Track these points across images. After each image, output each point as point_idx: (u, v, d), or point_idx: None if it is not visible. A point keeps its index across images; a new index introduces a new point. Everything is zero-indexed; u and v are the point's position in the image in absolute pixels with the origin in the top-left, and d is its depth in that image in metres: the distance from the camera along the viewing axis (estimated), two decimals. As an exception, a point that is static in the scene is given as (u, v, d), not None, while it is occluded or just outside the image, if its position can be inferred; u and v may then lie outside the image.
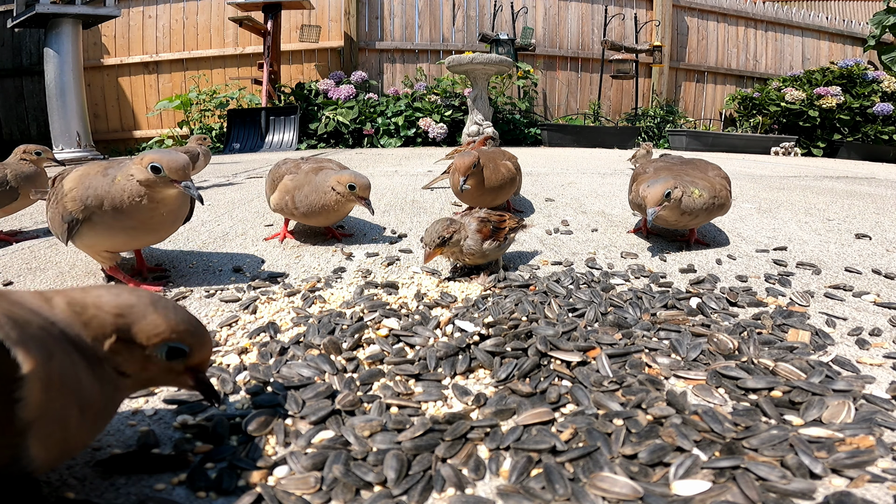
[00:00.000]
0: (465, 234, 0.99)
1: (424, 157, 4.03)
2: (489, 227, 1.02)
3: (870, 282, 1.06)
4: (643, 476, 0.46)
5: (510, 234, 1.07)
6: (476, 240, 0.99)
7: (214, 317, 0.86)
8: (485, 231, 1.00)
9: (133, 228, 0.93)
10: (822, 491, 0.44)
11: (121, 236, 0.94)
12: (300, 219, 1.30)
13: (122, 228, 0.93)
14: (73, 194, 0.90)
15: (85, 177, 0.92)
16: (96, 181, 0.91)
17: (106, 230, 0.93)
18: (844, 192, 2.37)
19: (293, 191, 1.25)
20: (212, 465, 0.48)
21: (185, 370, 0.48)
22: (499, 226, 1.04)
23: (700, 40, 6.81)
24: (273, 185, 1.31)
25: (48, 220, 0.99)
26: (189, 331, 0.47)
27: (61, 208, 0.92)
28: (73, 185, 0.91)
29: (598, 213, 1.77)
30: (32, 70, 5.83)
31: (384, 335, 0.74)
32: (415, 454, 0.49)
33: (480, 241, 0.99)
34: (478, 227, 1.00)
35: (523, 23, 6.35)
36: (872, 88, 5.64)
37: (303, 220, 1.30)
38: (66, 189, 0.91)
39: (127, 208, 0.90)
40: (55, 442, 0.39)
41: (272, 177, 1.33)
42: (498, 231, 1.03)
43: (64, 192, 0.91)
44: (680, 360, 0.68)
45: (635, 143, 5.70)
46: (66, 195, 0.91)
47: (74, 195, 0.90)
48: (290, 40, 6.07)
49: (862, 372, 0.66)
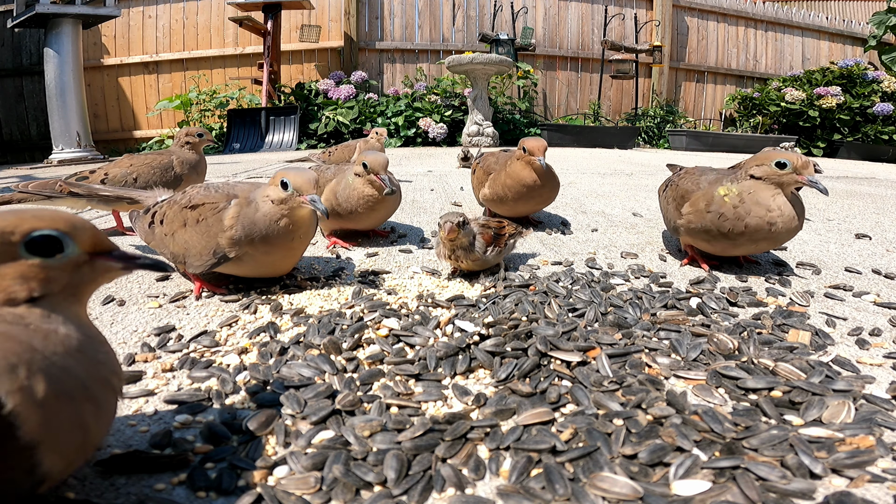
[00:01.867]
0: (472, 234, 0.99)
1: (424, 157, 4.03)
2: (490, 233, 1.03)
3: (870, 282, 1.06)
4: (643, 476, 0.46)
5: (510, 241, 1.08)
6: (480, 244, 1.00)
7: (214, 317, 0.86)
8: (486, 237, 1.01)
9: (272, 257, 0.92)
10: (822, 491, 0.44)
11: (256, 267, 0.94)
12: (345, 221, 1.29)
13: (264, 261, 0.92)
14: (231, 233, 0.88)
15: (241, 212, 0.90)
16: (247, 213, 0.89)
17: (249, 262, 0.92)
18: (844, 192, 2.37)
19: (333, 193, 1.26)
20: (212, 465, 0.48)
21: (91, 258, 0.45)
22: (499, 232, 1.05)
23: (700, 40, 6.81)
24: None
25: (179, 242, 0.93)
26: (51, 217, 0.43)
27: (214, 243, 0.90)
28: (232, 222, 0.89)
29: (598, 213, 1.77)
30: (32, 70, 5.84)
31: (384, 335, 0.74)
32: (415, 454, 0.49)
33: (483, 246, 1.00)
34: (479, 233, 1.01)
35: (523, 23, 6.35)
36: (872, 88, 5.64)
37: (347, 222, 1.30)
38: (225, 225, 0.89)
39: (272, 238, 0.89)
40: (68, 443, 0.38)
41: None
42: (499, 237, 1.04)
43: (223, 227, 0.89)
44: (680, 360, 0.68)
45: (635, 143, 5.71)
46: (225, 232, 0.89)
47: (233, 235, 0.88)
48: (290, 40, 6.07)
49: (862, 372, 0.66)
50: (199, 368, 0.66)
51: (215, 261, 0.91)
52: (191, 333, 0.78)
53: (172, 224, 0.96)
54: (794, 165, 0.96)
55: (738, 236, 1.01)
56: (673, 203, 1.15)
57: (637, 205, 1.95)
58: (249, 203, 0.91)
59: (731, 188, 1.02)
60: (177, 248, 0.95)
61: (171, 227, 0.96)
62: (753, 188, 0.99)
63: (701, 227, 1.05)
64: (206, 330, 0.80)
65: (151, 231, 1.00)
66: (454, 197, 2.07)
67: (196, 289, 0.96)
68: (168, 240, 0.96)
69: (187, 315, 0.87)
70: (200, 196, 0.96)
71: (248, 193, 0.93)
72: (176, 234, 0.95)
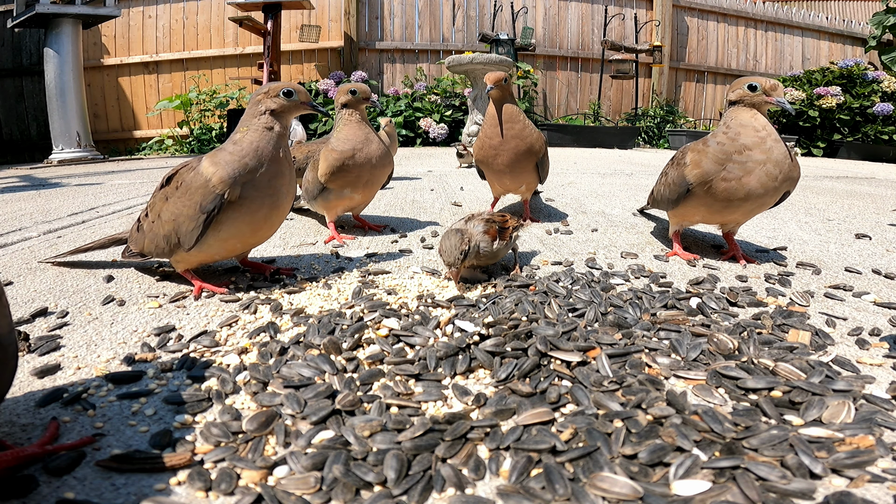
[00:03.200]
0: (476, 240, 1.00)
1: (424, 157, 4.03)
2: (495, 227, 1.05)
3: (870, 282, 1.06)
4: (643, 476, 0.46)
5: (514, 233, 1.10)
6: (486, 241, 1.01)
7: (214, 317, 0.86)
8: (492, 232, 1.03)
9: (270, 189, 0.96)
10: (822, 491, 0.44)
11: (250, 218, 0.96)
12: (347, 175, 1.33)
13: (261, 202, 0.95)
14: (221, 173, 0.91)
15: (218, 154, 0.94)
16: (228, 148, 0.93)
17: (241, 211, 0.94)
18: (844, 192, 2.37)
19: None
20: (212, 465, 0.48)
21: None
22: (503, 225, 1.07)
23: (700, 40, 6.81)
24: (314, 164, 1.37)
25: (166, 218, 0.96)
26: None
27: (198, 197, 0.91)
28: (213, 167, 0.92)
29: (598, 213, 1.77)
30: (32, 70, 5.83)
31: (384, 335, 0.74)
32: (415, 454, 0.49)
33: (490, 242, 1.02)
34: (485, 229, 1.03)
35: (523, 23, 6.35)
36: (872, 88, 5.64)
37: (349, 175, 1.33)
38: (205, 175, 0.91)
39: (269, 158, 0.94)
40: None
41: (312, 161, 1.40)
42: (503, 230, 1.06)
43: (205, 178, 0.91)
44: (680, 360, 0.68)
45: (635, 143, 5.70)
46: (210, 179, 0.91)
47: (222, 175, 0.91)
48: (290, 40, 6.07)
49: (862, 372, 0.66)
50: (199, 368, 0.66)
51: (206, 216, 0.90)
52: (191, 333, 0.78)
53: (155, 207, 0.97)
54: (763, 87, 1.07)
55: (741, 168, 1.07)
56: (674, 169, 1.21)
57: (637, 205, 1.95)
58: (228, 144, 0.93)
59: (716, 126, 1.11)
60: (167, 227, 0.94)
61: (154, 211, 0.97)
62: (733, 113, 1.10)
63: (708, 165, 1.10)
64: (206, 330, 0.80)
65: (141, 232, 1.00)
66: (454, 197, 2.07)
67: (196, 289, 0.96)
68: (157, 225, 0.96)
69: (187, 315, 0.87)
70: (172, 169, 0.98)
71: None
72: (161, 213, 0.95)
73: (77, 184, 2.78)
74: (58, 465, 0.47)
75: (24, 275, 1.09)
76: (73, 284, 1.03)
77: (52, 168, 4.12)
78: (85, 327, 0.82)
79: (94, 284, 1.03)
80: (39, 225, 1.61)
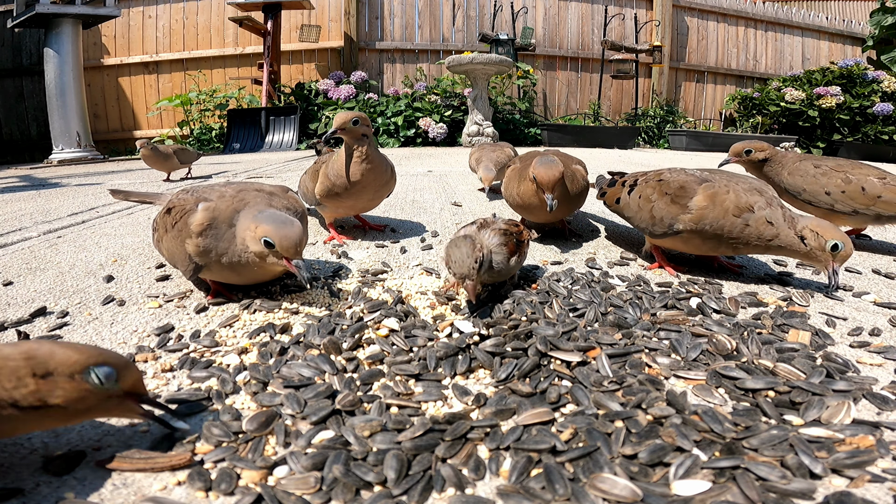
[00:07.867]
0: (489, 249, 0.86)
1: (424, 157, 4.03)
2: (513, 241, 0.89)
3: (870, 282, 1.06)
4: (643, 476, 0.46)
5: (526, 248, 0.97)
6: (503, 256, 0.87)
7: (214, 317, 0.86)
8: (510, 246, 0.88)
9: (242, 277, 0.90)
10: (822, 491, 0.44)
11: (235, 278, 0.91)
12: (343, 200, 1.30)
13: (234, 278, 0.91)
14: (198, 241, 0.86)
15: (212, 222, 0.86)
16: (220, 231, 0.86)
17: (220, 273, 0.90)
18: (844, 192, 2.36)
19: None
20: (212, 465, 0.48)
21: (125, 396, 0.49)
22: (520, 238, 0.93)
23: (700, 40, 6.81)
24: (314, 175, 1.35)
25: (165, 247, 0.93)
26: (104, 355, 0.47)
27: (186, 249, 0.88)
28: (199, 228, 0.86)
29: (599, 212, 1.77)
30: (32, 70, 5.84)
31: (384, 335, 0.74)
32: (415, 454, 0.49)
33: (507, 258, 0.87)
34: (503, 242, 0.87)
35: (523, 23, 6.35)
36: (872, 88, 5.64)
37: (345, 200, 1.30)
38: (192, 230, 0.86)
39: (240, 269, 0.87)
40: None
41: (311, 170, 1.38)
42: (521, 244, 0.93)
43: (190, 232, 0.86)
44: (680, 360, 0.68)
45: (635, 143, 5.70)
46: (192, 238, 0.86)
47: (199, 244, 0.86)
48: (290, 40, 6.07)
49: (862, 372, 0.66)
50: (199, 368, 0.66)
51: (195, 266, 0.88)
52: (191, 333, 0.78)
53: (159, 230, 0.95)
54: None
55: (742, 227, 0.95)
56: (666, 205, 1.04)
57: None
58: (230, 224, 0.86)
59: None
60: (167, 253, 0.94)
61: (159, 232, 0.96)
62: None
63: (711, 221, 0.97)
64: (207, 330, 0.80)
65: (156, 237, 0.99)
66: (454, 197, 2.07)
67: (211, 294, 0.95)
68: (161, 246, 0.96)
69: (187, 315, 0.87)
70: (174, 199, 0.94)
71: (229, 206, 0.87)
72: (162, 239, 0.94)
73: (77, 184, 2.78)
74: (58, 465, 0.47)
75: (24, 275, 1.09)
76: (73, 284, 1.03)
77: (52, 168, 4.12)
78: (85, 327, 0.82)
79: (94, 284, 1.03)
80: (39, 225, 1.61)
